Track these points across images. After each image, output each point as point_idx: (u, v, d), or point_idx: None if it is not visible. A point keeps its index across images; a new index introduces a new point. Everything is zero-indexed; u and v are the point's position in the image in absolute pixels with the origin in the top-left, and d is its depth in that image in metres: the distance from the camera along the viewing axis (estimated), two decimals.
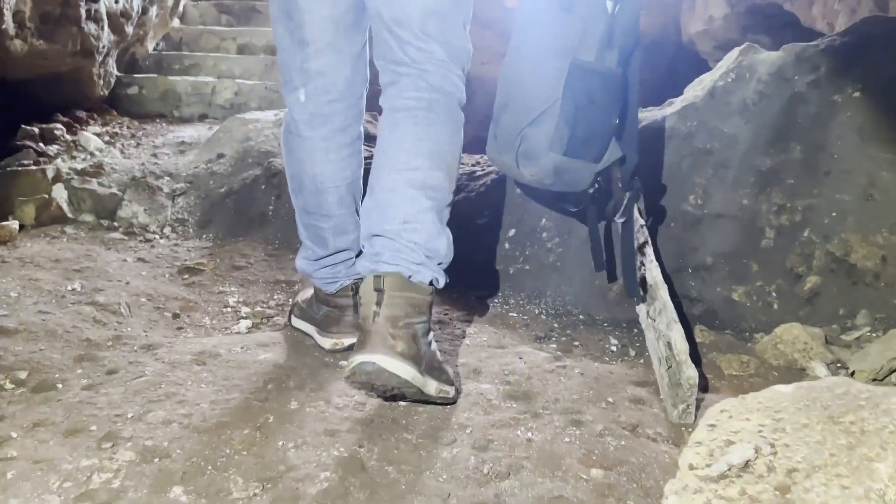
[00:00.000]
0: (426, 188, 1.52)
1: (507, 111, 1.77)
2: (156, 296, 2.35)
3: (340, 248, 1.81)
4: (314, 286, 1.96)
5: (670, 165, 2.45)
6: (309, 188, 1.74)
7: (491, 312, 2.27)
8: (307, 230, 1.83)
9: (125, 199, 3.20)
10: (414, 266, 1.50)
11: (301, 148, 1.71)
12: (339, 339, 1.86)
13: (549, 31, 1.67)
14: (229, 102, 4.57)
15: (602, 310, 2.30)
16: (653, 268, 1.87)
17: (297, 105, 1.69)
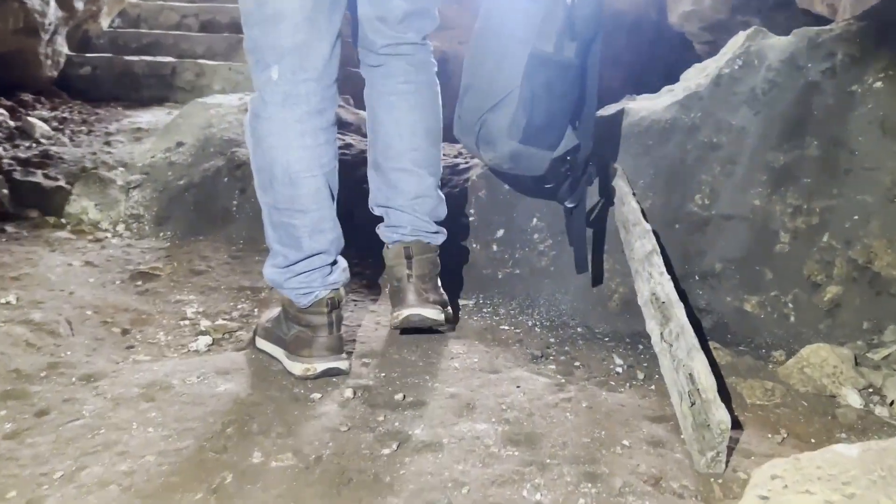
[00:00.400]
0: (428, 165, 1.81)
1: (470, 94, 1.83)
2: (103, 308, 2.09)
3: (316, 251, 1.64)
4: (283, 302, 1.73)
5: (673, 161, 2.24)
6: (281, 179, 1.58)
7: (480, 325, 2.05)
8: (277, 231, 1.64)
9: (74, 192, 2.91)
10: (429, 234, 1.85)
11: (272, 133, 1.56)
12: (310, 364, 1.64)
13: (513, 19, 1.71)
14: (191, 84, 4.27)
15: (602, 321, 2.09)
16: (664, 282, 1.66)
17: (269, 85, 1.55)
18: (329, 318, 1.66)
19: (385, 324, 2.01)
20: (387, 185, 1.84)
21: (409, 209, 1.82)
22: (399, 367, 1.71)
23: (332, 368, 1.64)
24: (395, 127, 1.79)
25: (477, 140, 1.82)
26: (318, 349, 1.65)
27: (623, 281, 2.12)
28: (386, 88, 1.79)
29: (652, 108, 2.40)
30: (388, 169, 1.82)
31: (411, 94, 1.77)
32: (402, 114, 1.77)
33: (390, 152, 1.80)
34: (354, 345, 1.86)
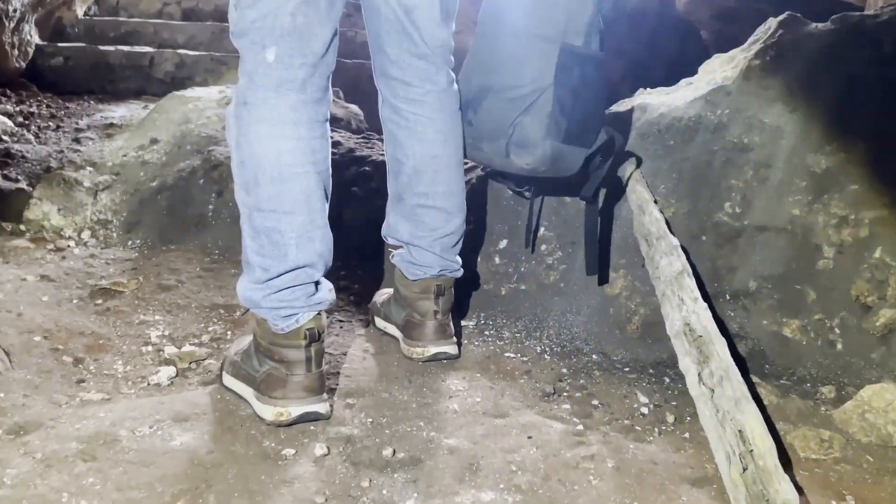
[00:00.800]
0: (458, 202, 1.70)
1: (491, 98, 1.68)
2: (55, 332, 1.84)
3: (302, 263, 1.41)
4: (255, 330, 1.49)
5: (698, 164, 1.99)
6: (269, 174, 1.37)
7: (482, 352, 1.80)
8: (258, 238, 1.41)
9: (35, 196, 2.65)
10: (455, 271, 1.75)
11: (263, 121, 1.36)
12: (284, 409, 1.41)
13: (533, 15, 1.61)
14: (170, 76, 4.01)
15: (620, 347, 1.85)
16: (700, 310, 1.42)
17: (263, 67, 1.36)
18: (307, 352, 1.42)
19: (374, 352, 1.77)
20: (410, 220, 1.70)
21: (436, 248, 1.69)
22: (389, 410, 1.47)
23: (309, 413, 1.41)
24: (424, 159, 1.63)
25: (508, 145, 1.66)
26: (294, 390, 1.41)
27: (644, 301, 1.88)
28: (413, 113, 1.62)
29: (672, 103, 2.15)
30: (412, 205, 1.68)
31: (441, 122, 1.62)
32: (432, 145, 1.63)
33: (418, 187, 1.65)
34: (338, 379, 1.61)
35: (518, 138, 1.65)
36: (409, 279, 1.74)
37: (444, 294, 1.72)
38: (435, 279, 1.71)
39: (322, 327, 1.44)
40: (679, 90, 2.37)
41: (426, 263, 1.71)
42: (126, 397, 1.57)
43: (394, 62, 1.60)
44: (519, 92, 1.63)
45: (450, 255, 1.73)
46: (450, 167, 1.66)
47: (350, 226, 2.46)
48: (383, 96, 1.67)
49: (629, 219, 2.00)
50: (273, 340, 1.43)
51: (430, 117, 1.62)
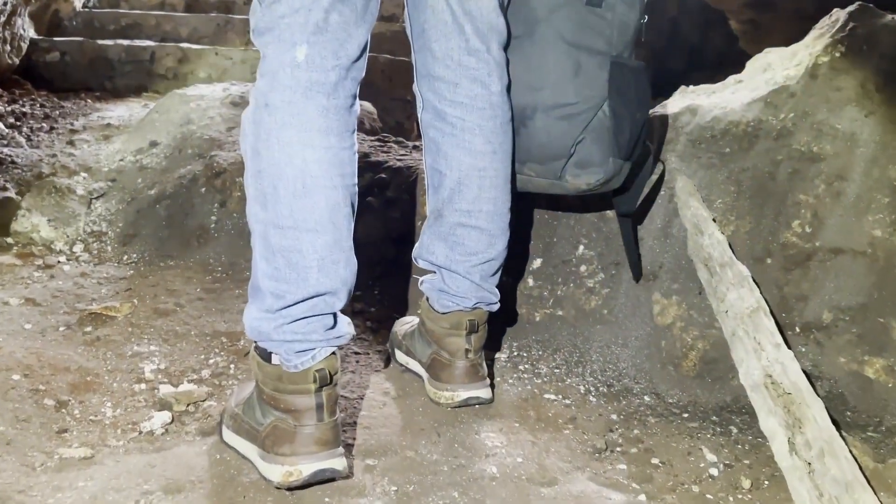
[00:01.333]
0: (504, 224, 1.50)
1: (540, 117, 1.53)
2: (38, 368, 1.64)
3: (323, 290, 1.23)
4: (257, 374, 1.28)
5: (759, 175, 1.76)
6: (292, 187, 1.19)
7: (519, 393, 1.59)
8: (274, 260, 1.22)
9: (23, 206, 2.45)
10: (493, 305, 1.55)
11: (287, 126, 1.19)
12: (293, 467, 1.20)
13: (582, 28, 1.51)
14: (172, 72, 3.79)
15: (675, 387, 1.63)
16: (787, 360, 1.19)
17: (290, 67, 1.20)
18: (318, 397, 1.22)
19: (395, 394, 1.55)
20: (447, 241, 1.49)
21: (475, 275, 1.49)
22: (417, 475, 1.26)
23: (323, 470, 1.21)
24: (469, 171, 1.43)
25: (566, 167, 1.53)
26: (304, 444, 1.21)
27: (702, 334, 1.65)
28: (460, 118, 1.42)
29: (727, 105, 1.92)
30: (452, 223, 1.47)
31: (491, 132, 1.42)
32: (480, 156, 1.42)
33: (459, 203, 1.45)
34: (356, 431, 1.40)
35: (580, 159, 1.53)
36: (439, 311, 1.53)
37: (477, 330, 1.51)
38: (468, 313, 1.50)
39: (335, 368, 1.25)
40: (727, 89, 2.14)
41: (461, 293, 1.50)
42: (113, 453, 1.36)
43: (440, 59, 1.40)
44: (572, 109, 1.50)
45: (488, 285, 1.52)
46: (497, 184, 1.45)
47: (365, 241, 2.24)
48: (425, 100, 1.47)
49: (681, 237, 1.77)
50: (277, 386, 1.24)
51: (480, 125, 1.42)
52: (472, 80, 1.41)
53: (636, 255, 1.75)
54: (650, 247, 1.81)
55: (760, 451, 1.38)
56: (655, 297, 1.75)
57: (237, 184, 2.40)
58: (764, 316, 1.33)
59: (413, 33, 1.44)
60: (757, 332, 1.30)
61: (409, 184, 2.28)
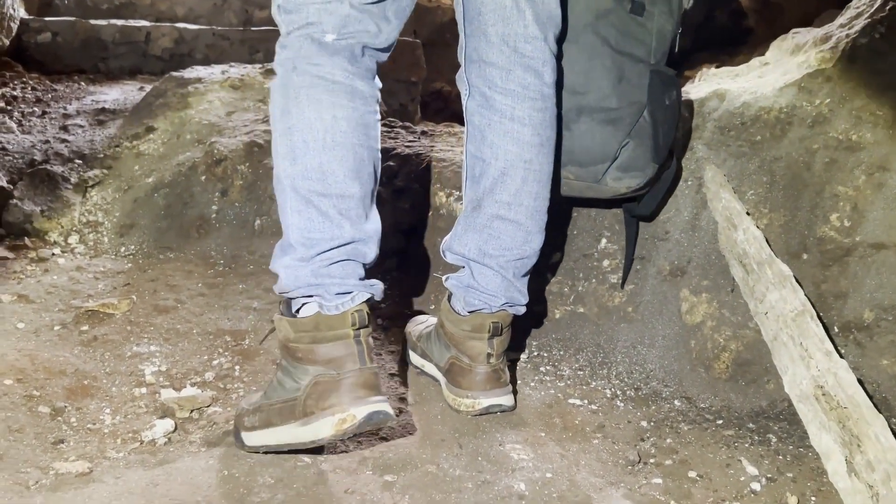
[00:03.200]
0: (542, 221, 1.43)
1: (585, 120, 1.54)
2: (31, 372, 1.55)
3: (355, 239, 1.24)
4: (288, 336, 1.24)
5: (794, 164, 1.67)
6: (321, 141, 1.21)
7: (542, 398, 1.50)
8: (306, 211, 1.22)
9: (16, 195, 2.34)
10: (520, 307, 1.46)
11: (316, 86, 1.22)
12: (346, 413, 1.17)
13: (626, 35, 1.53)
14: (168, 53, 3.66)
15: (707, 391, 1.54)
16: (841, 371, 1.11)
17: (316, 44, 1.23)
18: (357, 342, 1.22)
19: (412, 401, 1.46)
20: (482, 233, 1.40)
21: (508, 272, 1.41)
22: (439, 493, 1.17)
23: (377, 412, 1.18)
24: (515, 162, 1.36)
25: (608, 170, 1.54)
26: (351, 390, 1.18)
27: (735, 334, 1.56)
28: (510, 107, 1.35)
29: (756, 90, 1.82)
30: (490, 215, 1.39)
31: (541, 124, 1.36)
32: (528, 148, 1.36)
33: (501, 194, 1.37)
34: (371, 442, 1.31)
35: (623, 162, 1.54)
36: (460, 313, 1.44)
37: (500, 334, 1.42)
38: (491, 315, 1.41)
39: (367, 313, 1.25)
40: (752, 72, 2.04)
41: (490, 290, 1.41)
42: (113, 467, 1.27)
43: (495, 44, 1.34)
44: (616, 114, 1.53)
45: (520, 284, 1.44)
46: (540, 179, 1.38)
47: None
48: (472, 86, 1.39)
49: (710, 230, 1.68)
50: (315, 337, 1.21)
51: (530, 115, 1.35)
52: (525, 68, 1.34)
53: (631, 260, 1.73)
54: (677, 240, 1.72)
55: (804, 462, 1.29)
56: (684, 294, 1.65)
57: (238, 172, 2.30)
58: (811, 320, 1.23)
59: (466, 16, 1.36)
60: (804, 337, 1.21)
61: (418, 172, 2.17)
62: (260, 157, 2.31)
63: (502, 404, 1.41)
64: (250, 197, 2.27)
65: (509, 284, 1.42)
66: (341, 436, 1.18)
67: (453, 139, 2.45)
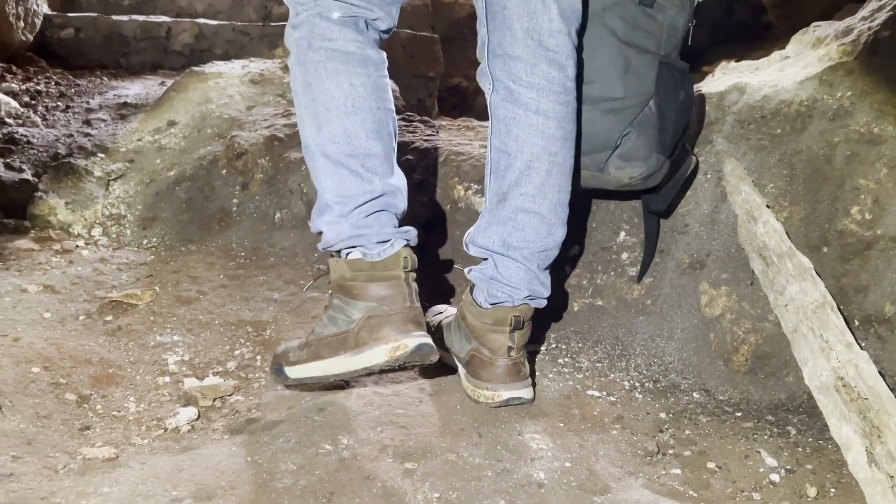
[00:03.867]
0: (565, 213, 1.44)
1: (587, 110, 1.54)
2: (58, 360, 1.58)
3: (385, 191, 1.36)
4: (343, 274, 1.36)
5: (814, 158, 1.66)
6: (342, 107, 1.33)
7: (560, 389, 1.51)
8: (337, 171, 1.34)
9: (40, 188, 2.38)
10: (542, 300, 1.47)
11: (332, 59, 1.34)
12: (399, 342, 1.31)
13: (634, 26, 1.54)
14: (188, 48, 3.70)
15: (725, 384, 1.54)
16: (861, 362, 1.11)
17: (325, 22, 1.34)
18: (407, 284, 1.36)
19: (431, 391, 1.48)
20: (506, 226, 1.42)
21: (532, 263, 1.43)
22: (459, 481, 1.18)
23: (424, 345, 1.32)
24: (541, 155, 1.38)
25: (609, 159, 1.56)
26: (403, 323, 1.32)
27: (754, 327, 1.56)
28: (535, 100, 1.37)
29: (776, 83, 1.82)
30: (515, 208, 1.41)
31: (565, 118, 1.38)
32: (553, 141, 1.38)
33: (526, 186, 1.39)
34: (392, 430, 1.33)
35: (625, 152, 1.56)
36: (483, 307, 1.45)
37: (521, 327, 1.43)
38: (514, 309, 1.43)
39: (415, 258, 1.38)
40: (773, 65, 2.03)
41: (514, 282, 1.43)
42: (138, 453, 1.30)
43: (520, 39, 1.36)
44: (620, 104, 1.54)
45: (543, 276, 1.46)
46: (564, 172, 1.41)
47: None
48: (497, 80, 1.40)
49: (730, 223, 1.68)
50: (371, 276, 1.34)
51: (555, 109, 1.37)
52: (550, 62, 1.35)
53: (651, 256, 1.72)
54: (696, 233, 1.72)
55: (824, 454, 1.30)
56: (703, 287, 1.66)
57: (259, 165, 2.32)
58: (831, 312, 1.23)
59: (489, 12, 1.38)
60: (824, 329, 1.21)
61: (436, 166, 2.19)
62: (280, 151, 2.34)
63: (522, 397, 1.42)
64: (270, 190, 2.29)
65: (533, 277, 1.43)
66: (393, 363, 1.30)
67: (471, 133, 2.46)
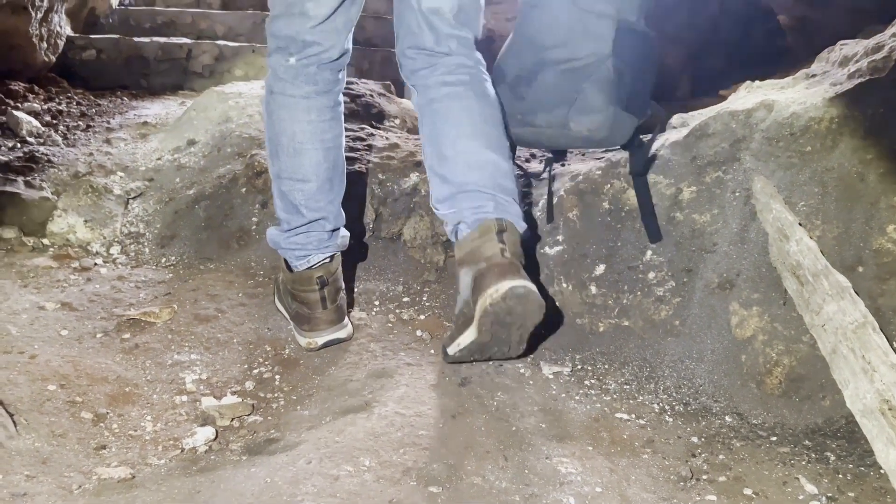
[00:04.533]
0: (502, 149, 1.64)
1: (547, 71, 1.79)
2: (74, 378, 1.55)
3: (315, 218, 1.72)
4: (284, 277, 1.79)
5: (846, 175, 1.62)
6: (287, 149, 1.69)
7: (588, 412, 1.46)
8: (283, 199, 1.74)
9: (59, 206, 2.37)
10: (517, 219, 1.60)
11: (283, 107, 1.68)
12: (311, 339, 1.73)
13: None
14: (208, 70, 3.72)
15: (759, 407, 1.49)
16: None
17: (284, 66, 1.65)
18: (321, 293, 1.71)
19: (454, 412, 1.43)
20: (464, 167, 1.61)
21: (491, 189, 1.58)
22: None
23: (332, 340, 1.73)
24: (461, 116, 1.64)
25: (569, 113, 1.77)
26: (317, 324, 1.72)
27: (788, 348, 1.52)
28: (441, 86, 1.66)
29: (805, 100, 1.78)
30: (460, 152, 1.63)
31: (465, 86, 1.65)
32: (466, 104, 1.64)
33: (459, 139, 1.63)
34: (415, 452, 1.28)
35: (581, 105, 1.76)
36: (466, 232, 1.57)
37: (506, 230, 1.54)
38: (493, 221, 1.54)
39: (331, 272, 1.73)
40: (798, 84, 2.00)
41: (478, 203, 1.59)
42: (154, 474, 1.26)
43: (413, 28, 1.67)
44: (577, 63, 1.74)
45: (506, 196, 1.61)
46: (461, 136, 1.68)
47: (411, 244, 2.14)
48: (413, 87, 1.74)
49: (760, 242, 1.64)
50: (294, 287, 1.74)
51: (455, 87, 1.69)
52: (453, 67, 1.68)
53: (650, 214, 1.76)
54: (725, 252, 1.67)
55: (866, 481, 1.24)
56: (733, 307, 1.61)
57: None
58: (873, 332, 1.19)
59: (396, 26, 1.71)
60: (866, 350, 1.16)
61: None
62: None
63: (528, 287, 1.42)
64: None
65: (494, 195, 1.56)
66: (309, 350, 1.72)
67: None
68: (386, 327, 1.83)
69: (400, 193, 2.20)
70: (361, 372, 1.61)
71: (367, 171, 2.26)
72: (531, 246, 1.86)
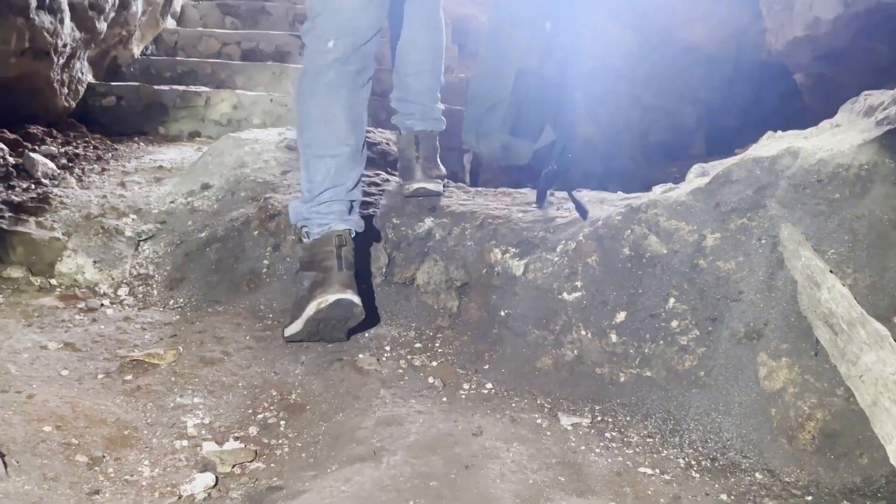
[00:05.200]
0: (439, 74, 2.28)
1: (474, 102, 2.18)
2: (71, 419, 1.49)
3: (339, 183, 1.86)
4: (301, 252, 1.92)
5: (877, 223, 1.56)
6: (317, 117, 1.86)
7: (609, 465, 1.38)
8: (309, 168, 1.88)
9: (69, 246, 2.34)
10: (438, 124, 2.30)
11: (315, 83, 1.85)
12: (323, 298, 1.78)
13: (504, 44, 2.12)
14: (226, 118, 3.73)
15: (790, 463, 1.40)
16: None
17: (321, 49, 1.83)
18: (338, 253, 1.81)
19: (467, 462, 1.36)
20: (412, 82, 2.24)
21: (422, 102, 2.24)
22: None
23: (342, 300, 1.77)
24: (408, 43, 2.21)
25: (477, 136, 2.14)
26: (330, 285, 1.78)
27: (821, 402, 1.43)
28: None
29: (832, 147, 1.74)
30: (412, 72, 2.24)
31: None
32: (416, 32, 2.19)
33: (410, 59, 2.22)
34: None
35: (482, 130, 2.14)
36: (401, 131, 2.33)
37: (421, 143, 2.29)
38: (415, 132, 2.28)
39: (347, 241, 1.84)
40: (823, 133, 1.96)
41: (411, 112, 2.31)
42: None
43: None
44: (488, 97, 2.12)
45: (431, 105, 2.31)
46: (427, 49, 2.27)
47: (424, 289, 2.08)
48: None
49: (788, 290, 1.57)
50: (313, 252, 1.85)
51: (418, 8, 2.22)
52: None
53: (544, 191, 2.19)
54: (752, 301, 1.61)
55: None
56: (761, 358, 1.54)
57: (292, 227, 2.27)
58: None
59: None
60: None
61: (472, 229, 2.11)
62: None
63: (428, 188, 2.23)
64: None
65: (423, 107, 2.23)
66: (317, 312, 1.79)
67: (507, 199, 2.40)
68: (397, 373, 1.76)
69: (414, 238, 2.16)
70: (370, 419, 1.54)
71: (380, 215, 2.22)
72: None
